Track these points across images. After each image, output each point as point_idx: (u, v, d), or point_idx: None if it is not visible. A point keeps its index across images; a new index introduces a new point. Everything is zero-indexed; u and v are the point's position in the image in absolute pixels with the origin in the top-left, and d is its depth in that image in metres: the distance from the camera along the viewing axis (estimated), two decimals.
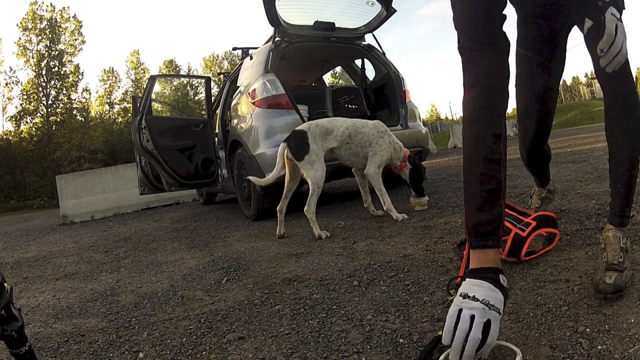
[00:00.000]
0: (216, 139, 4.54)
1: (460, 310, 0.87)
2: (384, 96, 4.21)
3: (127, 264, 2.55)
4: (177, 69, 33.80)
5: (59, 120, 25.76)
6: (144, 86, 8.18)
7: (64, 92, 26.35)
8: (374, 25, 4.00)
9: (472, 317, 0.85)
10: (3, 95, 25.81)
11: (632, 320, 0.95)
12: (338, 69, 6.22)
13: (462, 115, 1.11)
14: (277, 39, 3.63)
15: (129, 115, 27.69)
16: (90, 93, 27.99)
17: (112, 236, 4.05)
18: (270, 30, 3.71)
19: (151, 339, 1.31)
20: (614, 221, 1.24)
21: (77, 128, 25.73)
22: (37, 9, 25.47)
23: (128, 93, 31.32)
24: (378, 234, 2.23)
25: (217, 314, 1.44)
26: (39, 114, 25.63)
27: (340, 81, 22.67)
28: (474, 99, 1.06)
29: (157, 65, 46.52)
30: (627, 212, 1.24)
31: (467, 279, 0.93)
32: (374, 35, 4.14)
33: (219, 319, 1.38)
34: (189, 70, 34.57)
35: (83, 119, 27.17)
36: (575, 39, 1.55)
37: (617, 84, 1.22)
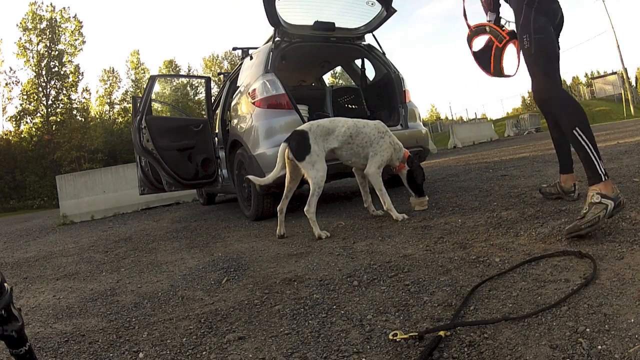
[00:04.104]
0: (216, 139, 4.53)
1: None
2: (384, 96, 4.21)
3: (127, 264, 2.55)
4: (177, 69, 33.81)
5: (59, 120, 25.75)
6: (144, 86, 8.18)
7: (64, 92, 26.35)
8: (374, 25, 4.00)
9: None
10: (3, 95, 25.87)
11: (632, 320, 0.95)
12: (338, 69, 6.22)
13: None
14: (277, 39, 3.62)
15: (129, 115, 27.70)
16: (90, 93, 28.03)
17: (112, 236, 4.05)
18: (270, 30, 3.70)
19: (151, 339, 1.31)
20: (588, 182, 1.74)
21: (77, 128, 25.71)
22: (37, 9, 25.48)
23: (128, 93, 31.33)
24: (378, 234, 2.23)
25: (217, 314, 1.43)
26: (39, 114, 25.63)
27: (340, 81, 22.67)
28: None
29: (157, 65, 46.54)
30: (587, 173, 1.71)
31: None
32: (374, 35, 4.14)
33: (219, 319, 1.38)
34: (189, 70, 34.59)
35: (83, 119, 27.15)
36: (575, 40, 1.57)
37: (552, 114, 1.98)
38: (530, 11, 1.94)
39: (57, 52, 25.90)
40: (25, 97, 25.25)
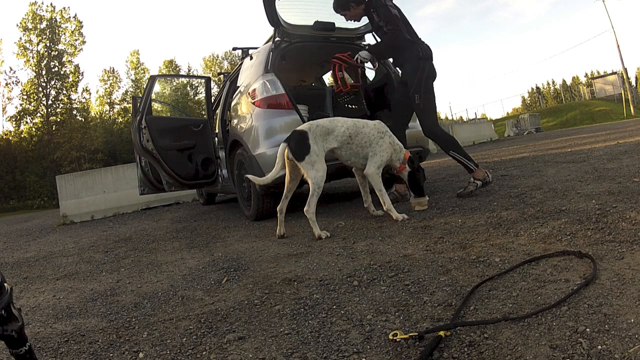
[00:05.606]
0: (216, 139, 4.53)
1: None
2: (384, 96, 4.20)
3: (127, 264, 2.55)
4: (177, 69, 33.77)
5: (59, 120, 25.73)
6: (144, 86, 8.18)
7: (64, 92, 26.30)
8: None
9: None
10: (3, 95, 25.83)
11: (632, 320, 0.95)
12: None
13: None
14: (277, 39, 3.62)
15: (129, 115, 27.67)
16: (90, 93, 27.94)
17: (112, 236, 4.05)
18: (270, 30, 3.70)
19: (151, 339, 1.31)
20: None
21: (77, 128, 25.67)
22: (37, 9, 25.45)
23: (128, 93, 31.29)
24: (378, 234, 2.23)
25: (217, 314, 1.43)
26: (39, 114, 25.61)
27: None
28: None
29: (157, 65, 46.59)
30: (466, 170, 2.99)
31: None
32: (374, 35, 4.13)
33: (219, 319, 1.38)
34: (189, 70, 34.54)
35: (83, 119, 27.12)
36: (575, 40, 1.57)
37: (436, 141, 3.13)
38: (422, 76, 2.96)
39: (57, 52, 25.86)
40: (25, 97, 25.21)
